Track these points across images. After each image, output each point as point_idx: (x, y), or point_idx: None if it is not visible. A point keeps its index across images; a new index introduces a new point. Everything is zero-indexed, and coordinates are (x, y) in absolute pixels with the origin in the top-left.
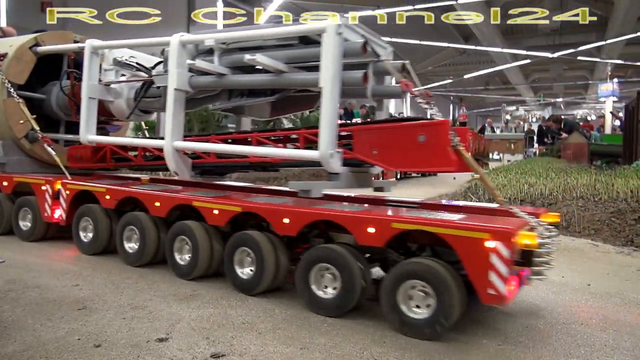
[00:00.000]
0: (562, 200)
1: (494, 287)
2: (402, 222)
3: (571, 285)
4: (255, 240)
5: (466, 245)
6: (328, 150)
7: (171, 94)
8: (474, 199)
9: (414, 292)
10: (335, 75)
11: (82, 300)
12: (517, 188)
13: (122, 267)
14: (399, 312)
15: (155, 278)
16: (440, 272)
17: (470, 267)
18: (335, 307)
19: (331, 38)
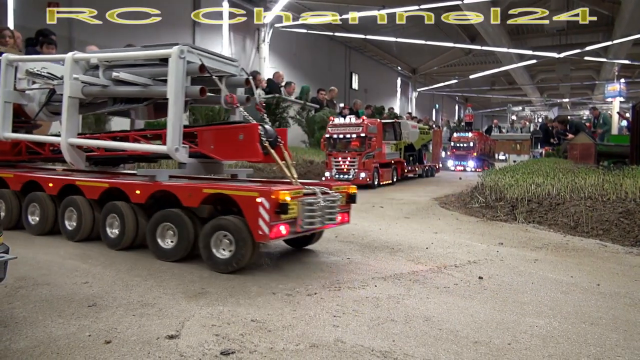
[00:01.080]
0: (570, 200)
1: (261, 229)
2: (208, 188)
3: (580, 285)
4: (118, 207)
5: (245, 201)
6: (174, 145)
7: (66, 100)
8: (481, 199)
9: (222, 239)
10: (178, 89)
11: (92, 298)
12: (524, 188)
13: (131, 265)
14: (210, 252)
15: (165, 276)
16: (241, 227)
17: (248, 216)
18: (173, 255)
19: (174, 61)
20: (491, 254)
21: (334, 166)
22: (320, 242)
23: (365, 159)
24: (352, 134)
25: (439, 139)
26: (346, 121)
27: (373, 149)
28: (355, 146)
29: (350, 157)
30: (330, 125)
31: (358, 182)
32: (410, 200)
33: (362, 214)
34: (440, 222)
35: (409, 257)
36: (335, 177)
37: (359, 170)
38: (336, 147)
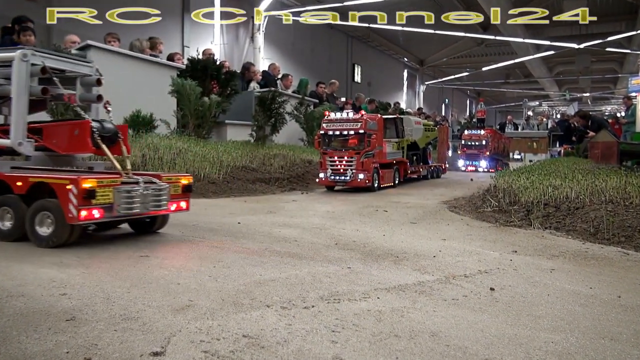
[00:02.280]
0: (589, 204)
1: (71, 212)
2: (33, 177)
3: (600, 297)
4: None
5: (59, 188)
6: (17, 139)
7: None
8: (493, 203)
9: (44, 219)
10: (20, 88)
11: (71, 311)
12: (540, 190)
13: (113, 275)
14: (34, 230)
15: (149, 287)
16: (58, 209)
17: (61, 200)
18: (11, 235)
19: (17, 64)
20: (504, 263)
21: (329, 166)
22: (317, 250)
23: (364, 159)
24: (349, 131)
25: (446, 137)
26: (342, 116)
27: (373, 148)
28: (353, 144)
29: (348, 156)
30: (324, 121)
31: (356, 184)
32: (417, 203)
33: (364, 219)
34: (449, 228)
35: (415, 266)
36: (331, 179)
37: (357, 170)
38: (331, 145)
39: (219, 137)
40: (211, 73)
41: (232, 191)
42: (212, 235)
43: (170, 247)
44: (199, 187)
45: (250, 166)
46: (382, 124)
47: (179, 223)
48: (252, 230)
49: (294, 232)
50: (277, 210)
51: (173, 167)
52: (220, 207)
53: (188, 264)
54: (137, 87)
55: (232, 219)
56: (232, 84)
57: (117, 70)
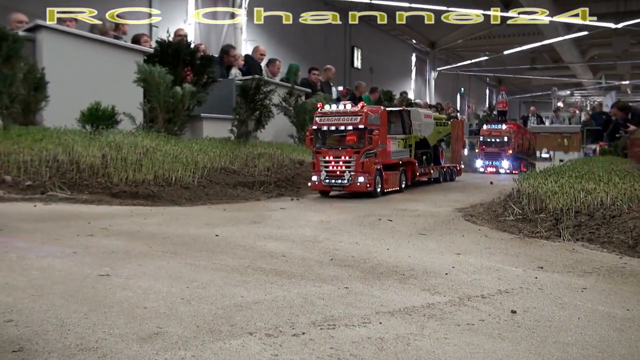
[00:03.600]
0: (628, 212)
1: None
2: None
3: (638, 321)
4: None
5: None
6: None
7: None
8: (516, 210)
9: None
10: None
11: (18, 340)
12: (570, 196)
13: (68, 298)
14: None
15: (111, 311)
16: None
17: None
18: None
19: None
20: (528, 281)
21: (322, 168)
22: (309, 267)
23: (365, 159)
24: (346, 126)
25: (461, 132)
26: (339, 108)
27: (375, 146)
28: (352, 141)
29: (345, 156)
30: (317, 114)
31: (355, 189)
32: (427, 211)
33: (365, 230)
34: (465, 240)
35: (424, 285)
36: (325, 182)
37: (357, 173)
38: (326, 142)
39: (193, 133)
40: (184, 58)
41: (209, 197)
42: (185, 249)
43: (136, 265)
44: (170, 193)
45: (230, 168)
46: (385, 118)
47: (147, 235)
48: (233, 243)
49: (282, 245)
50: (262, 220)
51: (139, 169)
52: (195, 216)
53: (156, 285)
54: (96, 75)
55: (208, 230)
56: (209, 71)
57: (72, 56)
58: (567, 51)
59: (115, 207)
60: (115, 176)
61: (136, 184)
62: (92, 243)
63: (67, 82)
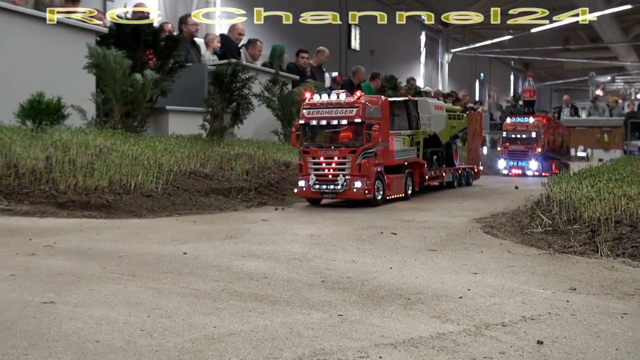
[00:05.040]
0: None
1: None
2: None
3: None
4: None
5: None
6: None
7: None
8: (545, 220)
9: None
10: None
11: None
12: (610, 203)
13: (6, 329)
14: None
15: (56, 347)
16: None
17: None
18: None
19: None
20: (558, 306)
21: (312, 171)
22: (296, 291)
23: (363, 159)
24: (340, 120)
25: (479, 127)
26: (331, 99)
27: (374, 144)
28: (347, 139)
29: (339, 157)
30: (305, 106)
31: (351, 196)
32: (439, 222)
33: (363, 245)
34: (484, 257)
35: (433, 311)
36: (315, 189)
37: (353, 177)
38: (316, 140)
39: (157, 129)
40: (145, 39)
41: (175, 207)
42: (146, 270)
43: (87, 289)
44: (128, 202)
45: (201, 172)
46: (387, 110)
47: (100, 254)
48: (204, 263)
49: (264, 265)
50: (240, 235)
51: (90, 174)
52: (159, 230)
53: (111, 313)
54: (38, 61)
55: (175, 247)
56: (176, 55)
57: (8, 37)
58: (606, 28)
59: (62, 219)
60: (62, 182)
61: (87, 191)
62: (33, 264)
63: (1, 69)
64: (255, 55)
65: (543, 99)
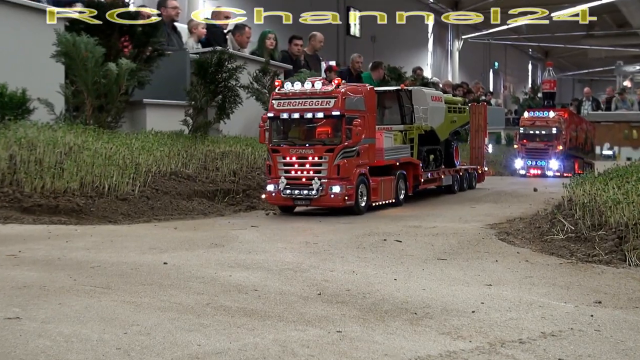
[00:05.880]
0: None
1: None
2: None
3: None
4: None
5: None
6: None
7: None
8: (567, 225)
9: None
10: None
11: None
12: (639, 206)
13: None
14: None
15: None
16: None
17: None
18: None
19: None
20: (581, 321)
21: (282, 173)
22: (289, 304)
23: (342, 159)
24: (315, 112)
25: (483, 121)
26: (305, 88)
27: (356, 140)
28: (323, 135)
29: (313, 157)
30: (275, 96)
31: (328, 203)
32: (448, 228)
33: (364, 254)
34: (498, 267)
35: (443, 327)
36: (286, 194)
37: (330, 180)
38: (287, 137)
39: (133, 125)
40: (120, 24)
41: (154, 212)
42: (122, 282)
43: (56, 304)
44: (101, 206)
45: (183, 172)
46: (374, 101)
47: (70, 264)
48: (187, 274)
49: (254, 276)
50: (227, 242)
51: (59, 175)
52: (136, 237)
53: (83, 330)
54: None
55: (154, 256)
56: (155, 42)
57: None
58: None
59: (28, 226)
60: (28, 185)
61: (55, 194)
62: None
63: None
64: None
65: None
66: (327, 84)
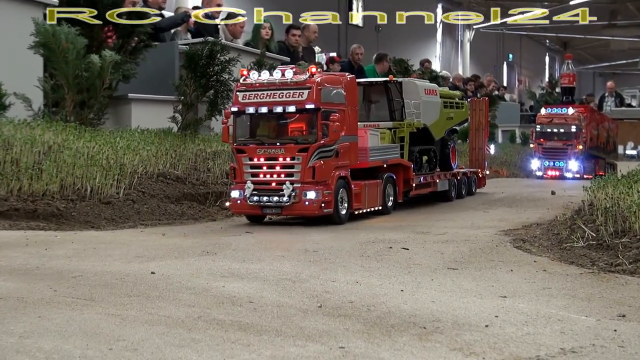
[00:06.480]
0: None
1: None
2: None
3: None
4: None
5: None
6: None
7: None
8: (588, 232)
9: None
10: None
11: None
12: None
13: None
14: None
15: None
16: None
17: None
18: None
19: None
20: (603, 336)
21: (248, 177)
22: (287, 318)
23: (318, 160)
24: (286, 106)
25: (484, 118)
26: (274, 77)
27: (334, 138)
28: (296, 132)
29: (285, 157)
30: (240, 87)
31: (302, 211)
32: (459, 235)
33: (369, 262)
34: (514, 277)
35: (454, 343)
36: (252, 201)
37: (304, 185)
38: (254, 135)
39: (117, 122)
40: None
41: (140, 217)
42: (106, 294)
43: (35, 316)
44: (83, 210)
45: (172, 173)
46: (355, 93)
47: (50, 273)
48: (176, 284)
49: (249, 287)
50: (219, 250)
51: (38, 177)
52: (121, 245)
53: (65, 345)
54: None
55: (141, 265)
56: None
57: None
58: None
59: (4, 232)
60: (3, 187)
61: (34, 197)
62: None
63: None
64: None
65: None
66: (300, 72)
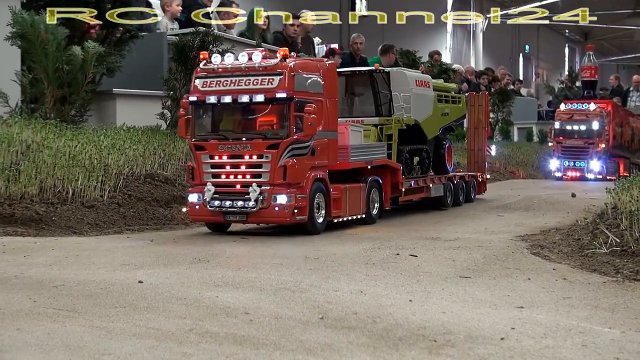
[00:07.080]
0: None
1: None
2: None
3: None
4: None
5: None
6: None
7: None
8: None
9: None
10: None
11: None
12: None
13: None
14: None
15: None
16: None
17: None
18: None
19: None
20: (628, 349)
21: (209, 178)
22: (286, 330)
23: (291, 158)
24: (253, 95)
25: (484, 115)
26: (239, 62)
27: (310, 133)
28: (265, 126)
29: (252, 155)
30: (199, 73)
31: (270, 218)
32: (472, 240)
33: (374, 270)
34: (531, 286)
35: (467, 357)
36: (213, 207)
37: (274, 188)
38: (216, 128)
39: (101, 119)
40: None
41: (126, 222)
42: (91, 304)
43: (13, 329)
44: (65, 214)
45: (161, 175)
46: (335, 82)
47: (29, 283)
48: (166, 294)
49: (244, 297)
50: (212, 257)
51: (15, 179)
52: (106, 252)
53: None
54: None
55: (127, 274)
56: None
57: None
58: None
59: None
60: None
61: (11, 201)
62: None
63: None
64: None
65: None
66: (270, 56)
